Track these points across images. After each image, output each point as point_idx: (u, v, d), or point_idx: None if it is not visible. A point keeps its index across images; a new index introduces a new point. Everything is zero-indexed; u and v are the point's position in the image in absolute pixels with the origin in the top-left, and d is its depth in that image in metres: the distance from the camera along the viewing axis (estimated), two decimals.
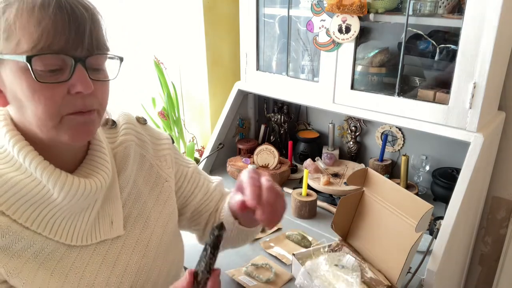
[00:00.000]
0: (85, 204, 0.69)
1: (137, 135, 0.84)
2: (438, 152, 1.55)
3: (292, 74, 1.62)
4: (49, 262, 0.66)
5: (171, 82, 1.87)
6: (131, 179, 0.79)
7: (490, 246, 1.60)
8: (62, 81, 0.60)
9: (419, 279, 1.13)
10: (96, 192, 0.69)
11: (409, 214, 1.04)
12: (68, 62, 0.60)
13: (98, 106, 0.65)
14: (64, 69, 0.60)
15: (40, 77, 0.59)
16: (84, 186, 0.66)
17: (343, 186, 1.53)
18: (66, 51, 0.59)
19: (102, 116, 0.69)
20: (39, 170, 0.63)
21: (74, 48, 0.59)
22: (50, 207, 0.65)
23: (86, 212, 0.70)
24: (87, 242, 0.70)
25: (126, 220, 0.77)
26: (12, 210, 0.63)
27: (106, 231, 0.72)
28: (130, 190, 0.79)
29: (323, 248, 1.18)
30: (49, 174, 0.64)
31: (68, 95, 0.61)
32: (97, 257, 0.71)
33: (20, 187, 0.63)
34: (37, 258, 0.65)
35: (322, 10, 1.39)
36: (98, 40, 0.62)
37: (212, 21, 1.75)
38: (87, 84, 0.61)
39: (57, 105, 0.60)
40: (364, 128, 1.73)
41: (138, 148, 0.83)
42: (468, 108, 1.17)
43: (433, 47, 1.32)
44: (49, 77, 0.59)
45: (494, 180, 1.51)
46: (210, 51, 1.78)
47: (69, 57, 0.59)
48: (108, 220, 0.73)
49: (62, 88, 0.60)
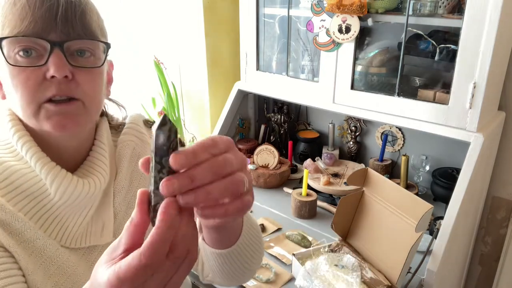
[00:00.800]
0: (80, 206, 0.68)
1: (139, 136, 0.81)
2: (438, 152, 1.55)
3: (292, 74, 1.62)
4: (38, 255, 0.65)
5: (171, 82, 1.87)
6: (125, 184, 0.76)
7: (490, 246, 1.60)
8: (37, 65, 0.59)
9: (419, 279, 1.12)
10: (93, 194, 0.68)
11: (409, 214, 1.04)
12: (46, 46, 0.59)
13: (81, 95, 0.62)
14: (43, 55, 0.59)
15: (15, 61, 0.59)
16: (82, 185, 0.66)
17: (343, 186, 1.53)
18: (39, 34, 0.58)
19: (91, 108, 0.65)
20: (39, 165, 0.63)
21: (47, 32, 0.58)
22: (45, 201, 0.65)
23: (81, 215, 0.69)
24: (76, 246, 0.69)
25: (117, 228, 0.75)
26: (9, 197, 0.62)
27: (96, 237, 0.71)
28: (124, 196, 0.76)
29: (323, 248, 1.18)
30: (48, 170, 0.63)
31: (45, 81, 0.60)
32: (85, 261, 0.70)
33: (18, 175, 0.63)
34: (28, 245, 0.64)
35: (322, 10, 1.39)
36: (81, 25, 0.61)
37: (212, 21, 1.75)
38: (60, 67, 0.59)
39: (31, 90, 0.59)
40: (364, 128, 1.73)
41: (137, 148, 0.80)
42: (468, 108, 1.17)
43: (433, 47, 1.32)
44: (25, 61, 0.59)
45: (494, 180, 1.51)
46: (210, 51, 1.78)
47: (44, 40, 0.58)
48: (100, 226, 0.72)
49: (38, 72, 0.59)
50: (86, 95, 0.63)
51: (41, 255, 0.65)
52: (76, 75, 0.61)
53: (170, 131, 0.39)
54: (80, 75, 0.62)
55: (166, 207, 0.38)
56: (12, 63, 0.59)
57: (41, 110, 0.61)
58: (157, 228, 0.38)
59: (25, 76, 0.59)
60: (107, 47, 0.66)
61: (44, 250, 0.65)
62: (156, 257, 0.37)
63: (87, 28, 0.62)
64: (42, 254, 0.65)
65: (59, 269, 0.67)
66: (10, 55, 0.59)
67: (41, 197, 0.65)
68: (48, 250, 0.65)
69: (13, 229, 0.62)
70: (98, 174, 0.70)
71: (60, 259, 0.67)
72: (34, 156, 0.63)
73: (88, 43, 0.62)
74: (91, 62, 0.64)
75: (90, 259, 0.71)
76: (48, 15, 0.58)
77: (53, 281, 0.66)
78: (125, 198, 0.76)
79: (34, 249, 0.64)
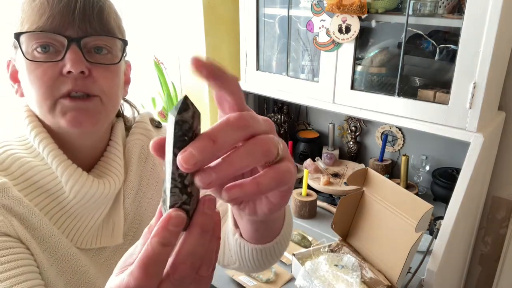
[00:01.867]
0: (93, 207, 0.67)
1: (146, 134, 0.78)
2: (438, 152, 1.55)
3: (292, 74, 1.62)
4: (52, 252, 0.64)
5: (171, 82, 1.87)
6: (135, 185, 0.75)
7: (490, 246, 1.60)
8: (53, 60, 0.59)
9: (419, 279, 1.12)
10: (108, 195, 0.67)
11: (409, 214, 1.04)
12: (63, 42, 0.59)
13: (98, 92, 0.62)
14: (61, 51, 0.59)
15: (32, 56, 0.59)
16: (97, 185, 0.65)
17: (343, 186, 1.53)
18: (57, 30, 0.58)
19: (108, 105, 0.64)
20: (56, 162, 0.63)
21: (64, 28, 0.59)
22: (60, 199, 0.64)
23: (93, 217, 0.68)
24: (86, 247, 0.68)
25: (128, 229, 0.74)
26: (26, 192, 0.62)
27: (107, 239, 0.71)
28: (134, 197, 0.75)
29: (323, 248, 1.18)
30: (64, 168, 0.63)
31: (61, 76, 0.59)
32: (95, 262, 0.70)
33: (35, 171, 0.63)
34: (43, 241, 0.63)
35: (322, 10, 1.39)
36: (98, 21, 0.61)
37: (212, 21, 1.75)
38: (76, 62, 0.58)
39: (48, 85, 0.59)
40: (364, 128, 1.73)
41: (145, 147, 0.77)
42: (468, 108, 1.17)
43: (433, 47, 1.32)
44: (43, 57, 0.59)
45: (494, 180, 1.51)
46: (210, 51, 1.78)
47: (61, 36, 0.59)
48: (111, 228, 0.71)
49: (55, 68, 0.59)
50: (103, 92, 0.62)
51: (55, 252, 0.64)
52: (93, 71, 0.61)
53: (193, 117, 0.31)
54: (97, 72, 0.61)
55: (165, 221, 0.31)
56: (30, 58, 0.59)
57: (57, 106, 0.60)
58: (148, 244, 0.31)
59: (42, 71, 0.59)
60: (124, 44, 0.66)
61: (59, 247, 0.64)
62: (147, 279, 0.31)
63: (105, 25, 0.62)
64: (56, 251, 0.64)
65: (72, 267, 0.66)
66: (28, 51, 0.60)
67: (57, 195, 0.64)
68: (62, 248, 0.65)
69: (29, 223, 0.61)
70: (113, 175, 0.69)
71: (73, 257, 0.66)
72: (51, 154, 0.63)
73: (105, 39, 0.62)
74: (109, 59, 0.63)
75: (100, 260, 0.71)
76: (66, 11, 0.58)
77: (66, 279, 0.66)
78: (135, 199, 0.75)
79: (49, 245, 0.63)
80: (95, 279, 0.69)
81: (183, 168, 0.30)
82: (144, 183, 0.77)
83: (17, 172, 0.62)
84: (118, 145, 0.72)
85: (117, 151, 0.71)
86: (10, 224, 0.59)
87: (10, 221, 0.59)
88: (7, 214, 0.59)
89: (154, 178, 0.78)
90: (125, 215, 0.73)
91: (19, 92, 0.66)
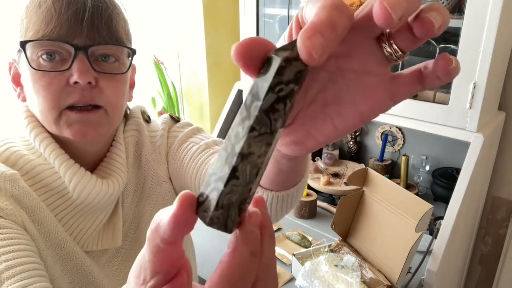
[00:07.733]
0: (97, 209, 0.66)
1: (139, 129, 0.75)
2: (438, 152, 1.55)
3: None
4: (57, 249, 0.63)
5: (171, 82, 1.87)
6: (132, 184, 0.74)
7: (490, 246, 1.60)
8: (60, 70, 0.58)
9: (419, 279, 1.12)
10: (112, 195, 0.66)
11: (409, 214, 1.04)
12: (70, 51, 0.58)
13: (104, 103, 0.61)
14: (67, 59, 0.58)
15: (38, 65, 0.58)
16: (100, 185, 0.64)
17: (343, 186, 1.53)
18: (64, 38, 0.57)
19: (113, 116, 0.64)
20: (58, 161, 0.62)
21: (72, 37, 0.57)
22: (64, 198, 0.63)
23: (97, 219, 0.67)
24: (87, 249, 0.68)
25: (127, 231, 0.73)
26: (33, 188, 0.61)
27: (108, 241, 0.70)
28: (132, 198, 0.74)
29: (323, 248, 1.18)
30: (67, 167, 0.62)
31: (67, 86, 0.58)
32: (96, 263, 0.70)
33: (39, 170, 0.62)
34: (49, 237, 0.62)
35: None
36: (107, 30, 0.59)
37: (212, 21, 1.75)
38: (84, 73, 0.57)
39: (54, 96, 0.58)
40: (364, 128, 1.73)
41: (139, 143, 0.75)
42: (468, 108, 1.17)
43: (433, 47, 1.32)
44: (49, 65, 0.58)
45: (494, 180, 1.51)
46: (210, 51, 1.78)
47: (68, 45, 0.57)
48: (111, 230, 0.71)
49: (61, 77, 0.58)
50: (109, 103, 0.62)
51: (60, 250, 0.64)
52: (100, 81, 0.60)
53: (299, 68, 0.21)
54: (104, 82, 0.60)
55: (254, 217, 0.25)
56: (35, 67, 0.58)
57: (62, 117, 0.60)
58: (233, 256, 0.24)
59: (47, 80, 0.58)
60: (132, 52, 0.65)
61: (64, 245, 0.64)
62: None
63: (113, 33, 0.61)
64: (61, 249, 0.64)
65: (76, 267, 0.66)
66: (33, 58, 0.58)
67: (62, 194, 0.63)
68: (67, 246, 0.64)
69: (36, 218, 0.61)
70: (117, 176, 0.68)
71: (77, 257, 0.66)
72: (53, 153, 0.62)
73: (113, 48, 0.61)
74: (116, 68, 0.62)
75: (101, 262, 0.70)
76: (74, 19, 0.57)
77: (70, 277, 0.65)
78: (133, 199, 0.74)
79: (54, 242, 0.63)
80: (100, 279, 0.69)
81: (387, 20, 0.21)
82: (140, 181, 0.75)
83: (24, 168, 0.61)
84: (121, 145, 0.71)
85: (120, 151, 0.70)
86: (19, 214, 0.58)
87: (19, 212, 0.58)
88: (17, 205, 0.58)
89: (149, 173, 0.75)
90: (124, 217, 0.73)
91: (21, 97, 0.65)
